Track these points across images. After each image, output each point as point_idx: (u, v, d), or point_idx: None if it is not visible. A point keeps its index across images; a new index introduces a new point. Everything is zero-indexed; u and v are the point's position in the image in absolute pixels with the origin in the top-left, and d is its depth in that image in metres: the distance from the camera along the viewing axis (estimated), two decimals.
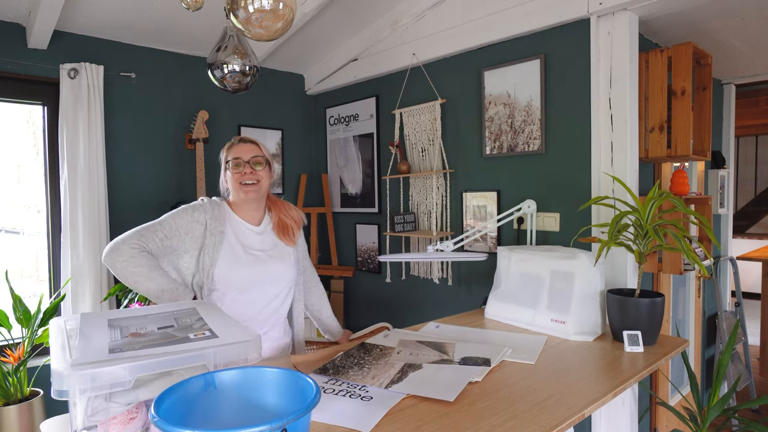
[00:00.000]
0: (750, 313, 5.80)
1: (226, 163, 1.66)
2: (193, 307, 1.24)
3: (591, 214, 2.22)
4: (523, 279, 1.92)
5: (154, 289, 1.47)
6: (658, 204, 1.67)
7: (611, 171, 2.14)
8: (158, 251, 1.53)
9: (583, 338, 1.71)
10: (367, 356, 1.48)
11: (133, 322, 1.11)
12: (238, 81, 2.10)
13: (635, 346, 1.60)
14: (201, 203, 1.64)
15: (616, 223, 1.66)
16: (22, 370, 2.37)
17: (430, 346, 1.57)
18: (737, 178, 7.23)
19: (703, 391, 3.21)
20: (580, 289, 1.76)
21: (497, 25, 2.47)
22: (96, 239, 2.69)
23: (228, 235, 1.62)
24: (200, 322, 1.11)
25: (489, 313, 2.02)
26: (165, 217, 1.58)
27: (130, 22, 2.70)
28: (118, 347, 0.94)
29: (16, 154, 2.86)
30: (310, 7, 2.54)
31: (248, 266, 1.61)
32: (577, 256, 1.79)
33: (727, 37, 2.61)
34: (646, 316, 1.63)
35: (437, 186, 2.86)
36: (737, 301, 3.47)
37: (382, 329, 2.05)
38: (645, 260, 1.69)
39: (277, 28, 1.55)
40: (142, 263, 1.46)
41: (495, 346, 1.58)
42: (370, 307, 3.41)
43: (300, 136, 3.73)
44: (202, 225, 1.59)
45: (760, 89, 4.53)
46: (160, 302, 1.49)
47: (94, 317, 1.15)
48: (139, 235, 1.50)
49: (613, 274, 2.15)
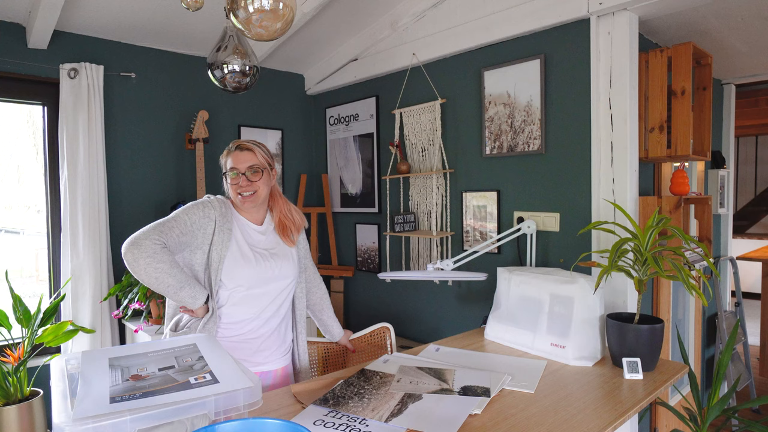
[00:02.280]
0: (750, 313, 5.80)
1: (224, 172, 1.67)
2: (194, 343, 1.24)
3: (591, 214, 2.22)
4: (522, 301, 1.92)
5: (175, 285, 1.47)
6: (657, 231, 1.67)
7: (611, 171, 2.14)
8: (175, 247, 1.53)
9: (582, 363, 1.71)
10: (367, 385, 1.48)
11: (134, 362, 1.11)
12: (238, 81, 2.10)
13: (635, 373, 1.58)
14: (209, 200, 1.64)
15: (616, 250, 1.65)
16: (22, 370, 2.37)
17: (430, 373, 1.57)
18: (737, 178, 7.23)
19: (703, 391, 3.21)
20: (580, 314, 1.75)
21: (497, 25, 2.47)
22: (96, 239, 2.69)
23: (235, 233, 1.64)
24: (201, 362, 1.11)
25: (489, 335, 2.02)
26: (178, 212, 1.57)
27: (130, 22, 2.70)
28: (119, 394, 0.95)
29: (16, 154, 2.86)
30: (310, 7, 2.54)
31: (255, 264, 1.63)
32: (577, 280, 1.78)
33: (727, 37, 2.61)
34: (646, 343, 1.62)
35: (437, 186, 2.86)
36: (737, 301, 3.47)
37: (382, 329, 2.05)
38: (644, 288, 1.69)
39: (277, 28, 1.55)
40: (164, 259, 1.45)
41: (494, 373, 1.58)
42: (370, 307, 3.41)
43: (300, 136, 3.73)
44: (212, 221, 1.59)
45: (760, 89, 4.53)
46: (178, 299, 1.49)
47: (95, 356, 1.13)
48: (158, 231, 1.49)
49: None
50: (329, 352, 1.98)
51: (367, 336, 2.04)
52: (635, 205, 2.16)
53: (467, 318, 2.78)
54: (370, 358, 2.03)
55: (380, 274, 2.40)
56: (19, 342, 2.51)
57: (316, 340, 1.95)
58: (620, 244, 1.67)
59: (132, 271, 1.45)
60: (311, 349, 1.93)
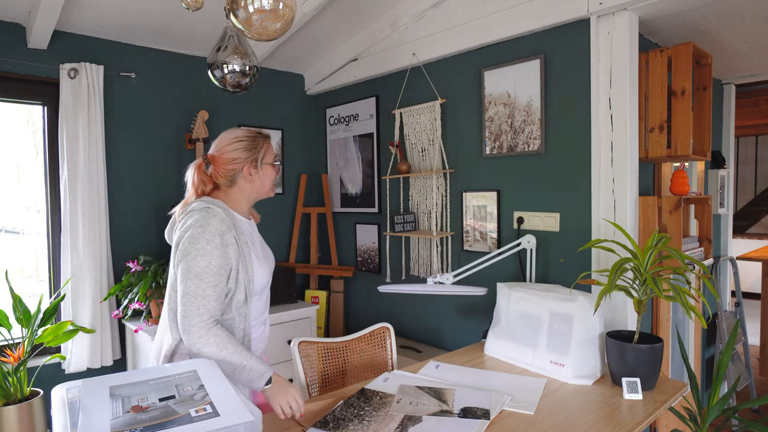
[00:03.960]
0: (750, 313, 5.80)
1: (268, 161, 1.57)
2: (194, 369, 1.22)
3: (591, 214, 2.22)
4: (522, 318, 1.92)
5: (238, 362, 1.37)
6: (657, 252, 1.67)
7: (611, 171, 2.14)
8: (221, 305, 1.44)
9: (582, 382, 1.70)
10: (367, 406, 1.48)
11: (135, 390, 1.11)
12: (238, 81, 2.10)
13: (634, 393, 1.58)
14: (215, 213, 1.45)
15: (616, 271, 1.65)
16: (22, 370, 2.37)
17: (430, 393, 1.57)
18: (737, 178, 7.23)
19: (703, 391, 3.21)
20: (579, 332, 1.74)
21: (497, 25, 2.47)
22: (96, 239, 2.69)
23: (245, 236, 1.52)
24: (201, 392, 1.11)
25: (488, 351, 2.02)
26: (203, 269, 1.38)
27: (130, 22, 2.70)
28: (120, 429, 0.95)
29: (16, 154, 2.86)
30: (310, 7, 2.54)
31: (265, 263, 1.58)
32: (576, 299, 1.78)
33: (727, 37, 2.60)
34: (646, 362, 1.61)
35: (437, 186, 2.86)
36: (737, 301, 3.47)
37: (381, 329, 2.05)
38: (644, 310, 1.69)
39: (277, 28, 1.55)
40: (225, 340, 1.38)
41: (494, 392, 1.57)
42: (370, 307, 3.41)
43: (300, 136, 3.73)
44: (234, 244, 1.44)
45: (760, 89, 4.53)
46: (240, 378, 1.38)
47: (96, 386, 1.12)
48: (204, 309, 1.38)
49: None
50: (329, 352, 1.98)
51: (366, 336, 2.04)
52: (635, 206, 2.16)
53: (467, 318, 2.78)
54: (370, 358, 2.03)
55: (380, 287, 2.41)
56: (19, 342, 2.52)
57: (316, 340, 1.95)
58: (619, 264, 1.66)
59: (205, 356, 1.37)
60: (311, 349, 1.93)
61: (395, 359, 2.04)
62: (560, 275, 2.34)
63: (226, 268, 1.42)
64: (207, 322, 1.37)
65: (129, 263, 2.68)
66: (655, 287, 1.58)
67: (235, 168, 1.52)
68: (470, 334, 2.77)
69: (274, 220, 3.59)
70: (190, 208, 1.48)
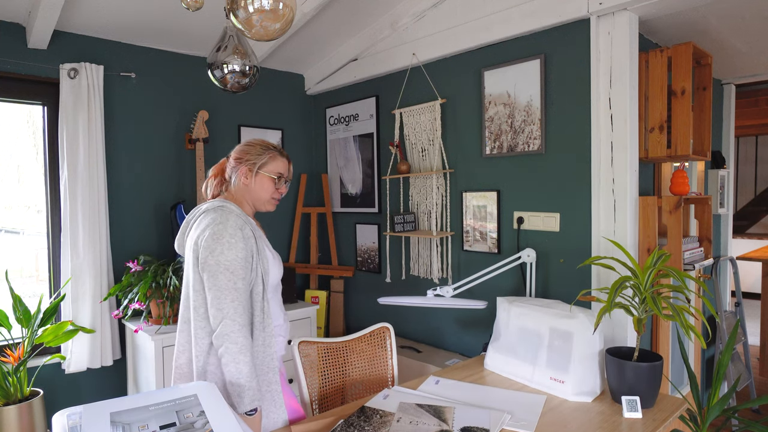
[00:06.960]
0: (750, 313, 5.80)
1: (266, 170, 1.59)
2: (195, 394, 1.21)
3: (591, 215, 2.22)
4: (522, 333, 1.91)
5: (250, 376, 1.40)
6: (656, 271, 1.66)
7: (611, 171, 2.14)
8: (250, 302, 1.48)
9: (581, 399, 1.70)
10: (367, 425, 1.47)
11: (135, 417, 1.10)
12: (238, 81, 2.10)
13: (634, 412, 1.57)
14: (233, 216, 1.48)
15: (615, 290, 1.64)
16: (22, 370, 2.37)
17: (430, 412, 1.56)
18: (737, 178, 7.23)
19: (703, 391, 3.21)
20: (579, 349, 1.74)
21: (497, 25, 2.47)
22: (96, 239, 2.69)
23: (260, 233, 1.58)
24: (202, 419, 1.11)
25: (488, 365, 2.02)
26: (232, 262, 1.41)
27: (130, 22, 2.70)
28: None
29: (16, 154, 2.86)
30: (310, 7, 2.54)
31: (278, 260, 1.61)
32: (576, 316, 1.78)
33: (727, 37, 2.60)
34: (645, 380, 1.61)
35: (437, 186, 2.86)
36: (737, 301, 3.47)
37: (381, 329, 2.05)
38: (643, 329, 1.68)
39: (277, 28, 1.55)
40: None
41: (494, 411, 1.57)
42: (370, 307, 3.41)
43: (300, 136, 3.73)
44: (252, 238, 1.49)
45: (760, 89, 4.53)
46: (233, 390, 1.40)
47: (97, 412, 1.11)
48: (238, 302, 1.40)
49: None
50: (329, 352, 1.98)
51: (366, 336, 2.04)
52: (635, 206, 2.16)
53: (467, 329, 2.78)
54: (370, 358, 2.03)
55: (380, 299, 2.42)
56: (19, 342, 2.52)
57: (316, 340, 1.95)
58: (619, 283, 1.66)
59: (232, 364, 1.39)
60: (311, 349, 1.93)
61: (395, 359, 2.04)
62: (560, 286, 2.34)
63: (250, 260, 1.46)
64: (242, 316, 1.40)
65: (129, 263, 2.68)
66: (655, 307, 1.58)
67: (235, 166, 1.59)
68: (471, 337, 2.77)
69: (274, 220, 3.59)
70: (203, 209, 1.54)
